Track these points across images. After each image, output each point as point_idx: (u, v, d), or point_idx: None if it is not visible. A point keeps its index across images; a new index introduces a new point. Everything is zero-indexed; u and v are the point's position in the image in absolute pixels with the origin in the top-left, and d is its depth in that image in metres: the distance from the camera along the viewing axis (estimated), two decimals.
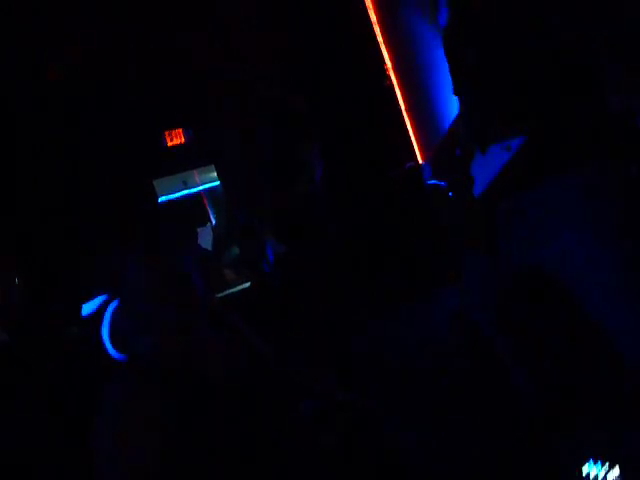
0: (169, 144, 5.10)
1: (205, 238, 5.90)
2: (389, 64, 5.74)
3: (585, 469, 1.47)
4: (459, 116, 1.80)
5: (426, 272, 4.49)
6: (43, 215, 3.76)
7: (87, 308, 1.64)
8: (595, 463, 1.42)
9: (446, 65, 1.74)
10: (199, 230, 5.94)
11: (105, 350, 1.34)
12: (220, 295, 5.01)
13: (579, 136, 1.37)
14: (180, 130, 5.14)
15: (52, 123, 4.12)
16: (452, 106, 4.32)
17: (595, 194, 1.35)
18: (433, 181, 2.17)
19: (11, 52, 3.91)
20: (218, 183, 5.76)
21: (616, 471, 1.43)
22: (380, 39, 5.74)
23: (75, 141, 4.17)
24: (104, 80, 4.41)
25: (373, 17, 5.72)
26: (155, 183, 5.11)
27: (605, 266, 1.28)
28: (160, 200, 5.27)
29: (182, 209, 5.80)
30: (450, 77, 1.75)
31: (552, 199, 1.41)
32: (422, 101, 5.24)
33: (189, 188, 5.86)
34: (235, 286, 5.19)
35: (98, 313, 1.70)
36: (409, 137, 5.73)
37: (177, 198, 5.70)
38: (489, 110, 1.45)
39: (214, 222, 6.20)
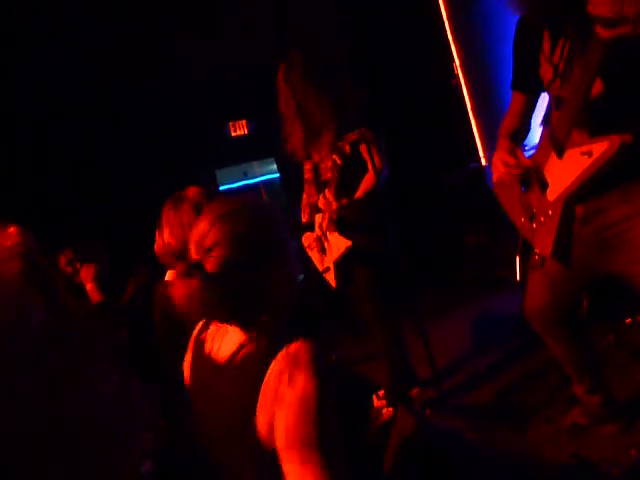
0: (233, 135, 5.20)
1: None
2: (457, 62, 5.61)
3: None
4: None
5: (483, 275, 4.40)
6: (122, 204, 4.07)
7: None
8: None
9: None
10: None
11: None
12: None
13: None
14: (244, 121, 5.24)
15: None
16: None
17: None
18: None
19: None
20: (277, 175, 5.84)
21: None
22: (450, 36, 5.62)
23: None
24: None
25: (444, 13, 5.61)
26: (217, 173, 5.24)
27: None
28: (220, 189, 5.40)
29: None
30: (513, 71, 1.71)
31: (636, 201, 1.35)
32: (489, 101, 5.09)
33: (249, 179, 5.98)
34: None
35: None
36: (474, 137, 5.59)
37: (237, 188, 5.83)
38: (573, 112, 1.38)
39: None
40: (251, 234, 1.00)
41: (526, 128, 1.80)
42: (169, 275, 1.71)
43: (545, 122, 1.61)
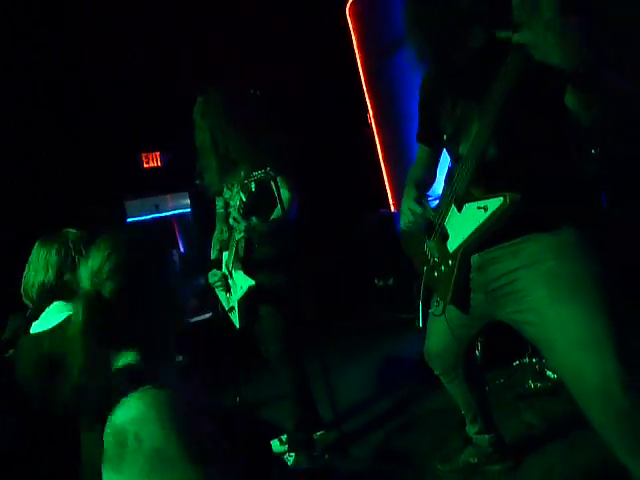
0: (145, 166, 5.07)
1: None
2: (370, 112, 5.90)
3: None
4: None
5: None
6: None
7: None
8: None
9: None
10: None
11: None
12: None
13: (555, 199, 1.43)
14: (157, 153, 5.14)
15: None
16: None
17: (569, 256, 1.40)
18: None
19: None
20: (189, 210, 5.74)
21: None
22: (364, 87, 5.92)
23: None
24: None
25: (359, 64, 5.91)
26: (127, 204, 5.05)
27: (569, 320, 1.34)
28: (128, 221, 5.19)
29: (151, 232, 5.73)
30: (418, 124, 1.83)
31: (524, 255, 1.46)
32: (400, 151, 5.37)
33: (160, 212, 5.81)
34: (197, 315, 5.10)
35: None
36: (384, 185, 5.85)
37: (147, 220, 5.65)
38: (469, 166, 1.48)
39: (182, 249, 6.13)
40: (142, 263, 0.99)
41: (431, 178, 1.90)
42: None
43: (447, 176, 1.71)
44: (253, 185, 2.19)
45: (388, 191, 5.82)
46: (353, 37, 5.95)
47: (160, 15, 4.79)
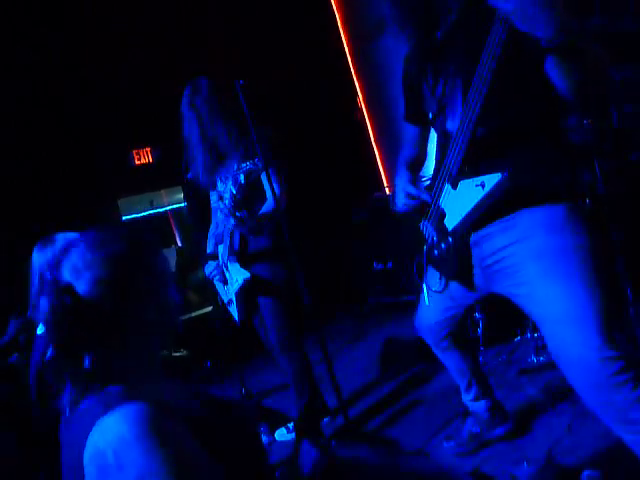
0: (137, 163, 5.03)
1: (170, 259, 5.81)
2: (360, 95, 5.86)
3: None
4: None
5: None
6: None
7: None
8: None
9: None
10: (164, 251, 5.86)
11: None
12: (183, 318, 4.93)
13: (548, 175, 1.43)
14: (148, 149, 5.10)
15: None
16: None
17: (557, 230, 1.41)
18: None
19: None
20: (185, 204, 5.71)
21: None
22: (352, 70, 5.86)
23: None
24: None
25: (346, 48, 5.86)
26: (120, 202, 5.01)
27: (556, 294, 1.37)
28: (123, 219, 5.17)
29: (147, 228, 5.73)
30: (404, 103, 1.83)
31: (516, 231, 1.46)
32: (392, 132, 5.33)
33: (155, 208, 5.79)
34: (198, 310, 5.11)
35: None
36: (378, 168, 5.83)
37: (142, 217, 5.63)
38: (462, 143, 1.47)
39: (179, 244, 6.13)
40: (124, 256, 0.97)
41: (422, 157, 1.91)
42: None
43: (437, 154, 1.71)
44: (242, 177, 2.16)
45: (382, 174, 5.81)
46: (338, 19, 5.88)
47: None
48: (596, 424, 1.91)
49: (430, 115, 1.63)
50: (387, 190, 5.49)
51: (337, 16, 5.88)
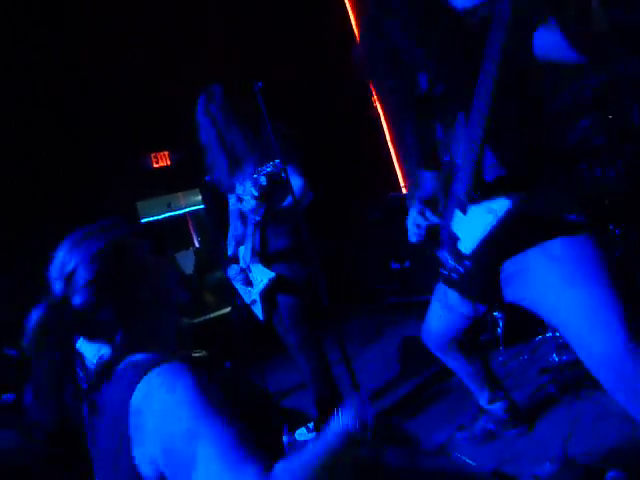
0: (155, 166, 5.08)
1: (188, 261, 5.86)
2: (375, 95, 5.84)
3: None
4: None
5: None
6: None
7: None
8: None
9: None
10: (182, 253, 5.91)
11: None
12: (201, 319, 4.97)
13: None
14: (167, 152, 5.15)
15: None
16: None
17: (569, 236, 1.43)
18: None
19: None
20: (203, 207, 5.76)
21: None
22: None
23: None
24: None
25: None
26: (139, 205, 5.07)
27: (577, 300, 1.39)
28: (142, 221, 5.23)
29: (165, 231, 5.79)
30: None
31: (530, 238, 1.48)
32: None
33: (173, 210, 5.85)
34: (216, 311, 5.15)
35: None
36: (393, 167, 5.81)
37: (160, 219, 5.69)
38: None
39: (197, 245, 6.18)
40: (108, 251, 1.01)
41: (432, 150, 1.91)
42: None
43: (443, 173, 1.72)
44: (263, 179, 2.19)
45: (398, 173, 5.79)
46: (351, 17, 5.89)
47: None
48: (620, 423, 1.90)
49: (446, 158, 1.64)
50: (403, 189, 5.48)
51: (351, 15, 5.89)
